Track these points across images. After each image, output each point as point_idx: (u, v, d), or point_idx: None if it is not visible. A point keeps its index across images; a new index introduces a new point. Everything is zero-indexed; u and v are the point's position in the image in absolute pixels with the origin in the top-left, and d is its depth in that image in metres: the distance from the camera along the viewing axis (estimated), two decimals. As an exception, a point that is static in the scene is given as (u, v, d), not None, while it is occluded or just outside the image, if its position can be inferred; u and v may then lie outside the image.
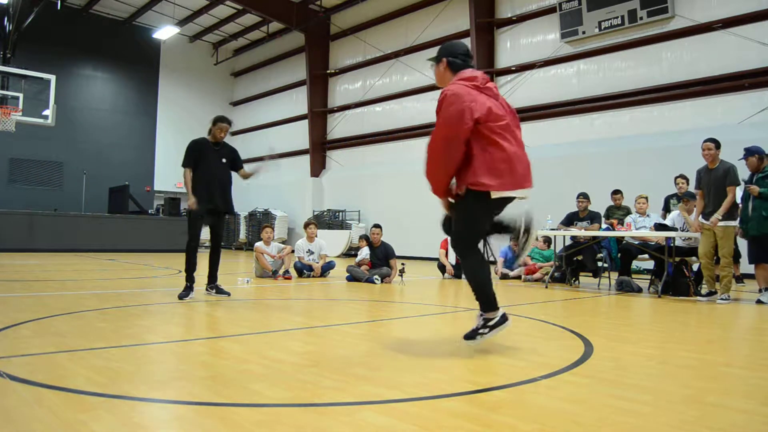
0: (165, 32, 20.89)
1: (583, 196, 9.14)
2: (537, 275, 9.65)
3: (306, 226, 9.97)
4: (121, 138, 22.36)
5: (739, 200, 7.00)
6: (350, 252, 16.94)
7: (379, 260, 9.22)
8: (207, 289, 6.51)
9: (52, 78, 15.19)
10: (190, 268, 6.18)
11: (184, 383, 2.77)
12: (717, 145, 6.96)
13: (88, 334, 3.97)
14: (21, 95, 14.73)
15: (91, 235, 16.11)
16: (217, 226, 6.49)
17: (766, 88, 11.30)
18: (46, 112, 15.18)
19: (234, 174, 6.53)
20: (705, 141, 7.03)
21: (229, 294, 6.45)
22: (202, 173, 6.27)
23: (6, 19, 15.94)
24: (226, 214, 6.53)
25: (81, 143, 21.31)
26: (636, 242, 8.16)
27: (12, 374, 2.77)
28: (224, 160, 6.44)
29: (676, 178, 8.77)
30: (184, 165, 6.32)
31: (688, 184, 8.55)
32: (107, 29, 22.31)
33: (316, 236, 9.96)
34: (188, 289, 6.10)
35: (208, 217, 6.33)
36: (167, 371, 3.05)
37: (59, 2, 17.72)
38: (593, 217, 8.93)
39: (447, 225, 3.89)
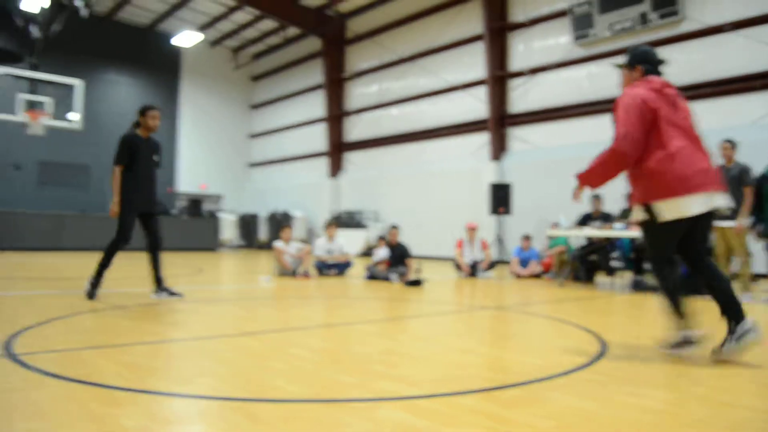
0: (186, 38, 21.17)
1: (596, 197, 9.20)
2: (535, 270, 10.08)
3: (327, 226, 10.12)
4: None
5: None
6: (367, 252, 17.02)
7: (396, 260, 9.31)
8: (156, 293, 5.99)
9: (79, 83, 15.45)
10: (105, 266, 5.85)
11: (208, 379, 2.86)
12: (733, 145, 6.96)
13: (115, 331, 4.08)
14: (49, 100, 15.01)
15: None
16: (152, 226, 6.04)
17: (776, 90, 11.21)
18: (73, 117, 15.43)
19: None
20: (723, 141, 7.03)
21: (182, 295, 6.08)
22: (137, 172, 5.85)
23: (35, 27, 16.25)
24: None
25: (106, 146, 21.57)
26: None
27: (43, 369, 2.87)
28: (156, 157, 6.03)
29: None
30: (118, 161, 5.81)
31: None
32: (130, 36, 22.61)
33: (336, 236, 10.08)
34: (96, 287, 5.76)
35: (138, 218, 5.97)
36: (191, 367, 3.14)
37: (85, 11, 18.00)
38: (606, 218, 8.97)
39: None
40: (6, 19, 17.76)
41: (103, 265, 5.88)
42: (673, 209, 3.35)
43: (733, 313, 3.40)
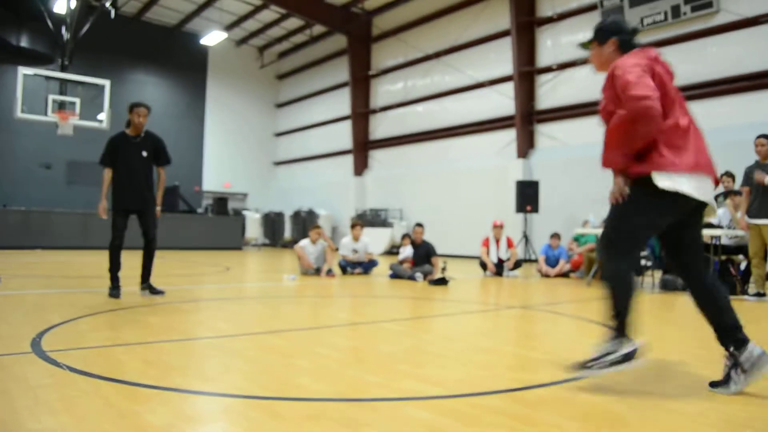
0: (212, 38, 21.36)
1: None
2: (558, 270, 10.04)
3: (352, 226, 10.10)
4: (172, 140, 22.50)
5: None
6: (392, 250, 17.01)
7: (421, 258, 9.27)
8: (141, 290, 6.03)
9: (107, 83, 15.68)
10: (114, 267, 5.85)
11: (233, 377, 2.87)
12: None
13: (141, 328, 4.12)
14: (78, 100, 15.25)
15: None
16: (144, 223, 5.97)
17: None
18: (101, 116, 15.67)
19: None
20: (759, 137, 6.87)
21: (163, 293, 6.04)
22: (122, 170, 5.87)
23: (64, 28, 16.54)
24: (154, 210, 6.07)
25: (132, 146, 21.91)
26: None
27: (71, 366, 2.91)
28: (145, 153, 5.97)
29: (722, 175, 8.58)
30: (100, 163, 5.93)
31: (734, 181, 8.36)
32: (157, 36, 22.90)
33: (361, 236, 10.05)
34: (115, 288, 5.81)
35: (129, 216, 5.94)
36: (216, 365, 3.15)
37: (113, 11, 18.28)
38: None
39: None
40: (38, 22, 18.14)
41: (112, 269, 5.87)
42: (671, 182, 2.72)
43: (736, 336, 2.76)
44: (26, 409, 2.25)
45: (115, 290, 5.81)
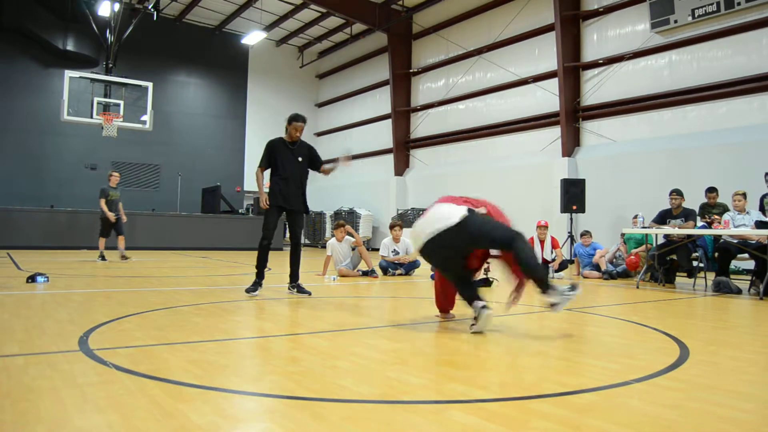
0: (253, 38, 21.63)
1: (677, 193, 8.77)
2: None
3: (392, 227, 10.01)
4: (213, 140, 23.31)
5: None
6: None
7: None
8: (289, 289, 6.55)
9: (150, 85, 16.02)
10: (261, 265, 6.39)
11: (275, 377, 2.86)
12: None
13: (186, 328, 4.17)
14: (122, 102, 15.61)
15: (186, 234, 16.92)
16: (293, 224, 6.56)
17: None
18: (145, 118, 16.02)
19: (313, 172, 6.58)
20: None
21: (310, 293, 6.47)
22: (279, 172, 6.36)
23: (108, 31, 16.94)
24: (304, 213, 6.60)
25: (176, 146, 22.37)
26: (735, 241, 7.73)
27: (117, 364, 2.95)
28: (300, 159, 6.47)
29: (766, 175, 8.31)
30: (260, 165, 6.45)
31: None
32: (199, 37, 23.28)
33: (402, 236, 9.97)
34: (256, 284, 6.33)
35: (283, 217, 6.51)
36: (259, 365, 3.16)
37: (155, 13, 18.65)
38: (687, 215, 8.55)
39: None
40: (82, 25, 18.64)
41: (259, 265, 6.40)
42: None
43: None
44: (74, 407, 2.29)
45: (255, 286, 6.33)
